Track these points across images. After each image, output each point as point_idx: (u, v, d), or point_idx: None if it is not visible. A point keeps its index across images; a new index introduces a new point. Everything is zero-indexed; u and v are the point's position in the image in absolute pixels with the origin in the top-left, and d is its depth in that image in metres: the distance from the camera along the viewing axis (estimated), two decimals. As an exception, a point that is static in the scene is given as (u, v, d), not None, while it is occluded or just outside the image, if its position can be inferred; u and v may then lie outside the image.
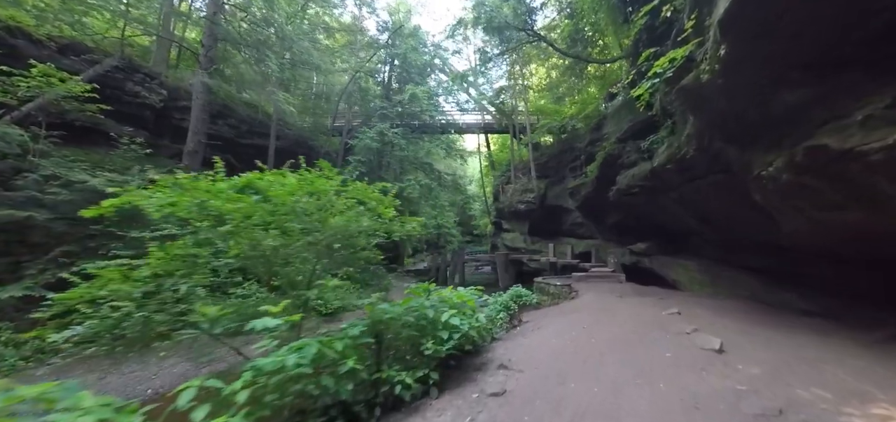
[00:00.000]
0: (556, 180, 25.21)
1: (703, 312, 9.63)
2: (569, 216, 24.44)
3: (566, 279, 17.83)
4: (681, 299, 12.10)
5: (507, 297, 10.39)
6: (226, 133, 23.44)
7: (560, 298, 15.08)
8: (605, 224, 21.72)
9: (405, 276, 26.54)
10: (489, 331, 8.21)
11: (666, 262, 16.89)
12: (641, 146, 14.23)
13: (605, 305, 11.23)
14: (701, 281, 14.96)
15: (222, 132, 23.37)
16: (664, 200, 14.39)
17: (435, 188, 22.17)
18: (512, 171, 27.27)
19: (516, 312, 10.54)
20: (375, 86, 24.56)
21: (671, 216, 15.32)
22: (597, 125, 21.03)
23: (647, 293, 13.98)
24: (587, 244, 23.36)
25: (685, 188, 12.19)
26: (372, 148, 21.24)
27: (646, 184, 14.31)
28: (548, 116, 25.23)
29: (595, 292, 14.10)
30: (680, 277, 16.05)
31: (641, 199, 15.43)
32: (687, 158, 10.33)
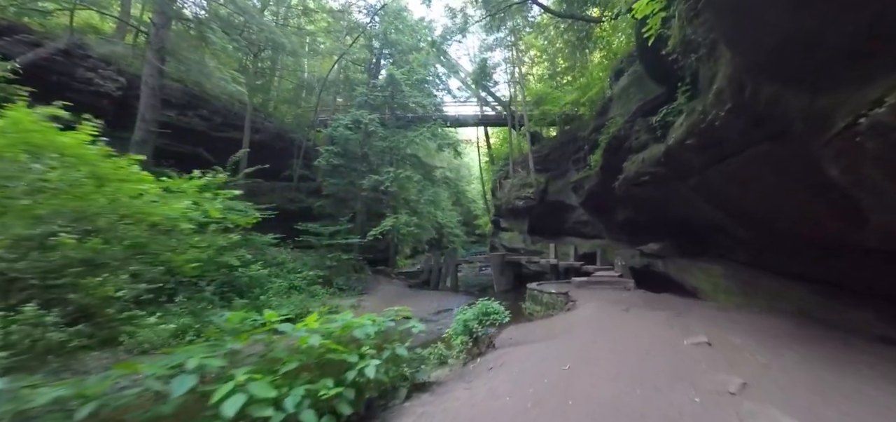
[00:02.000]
0: (558, 174, 22.16)
1: (742, 339, 6.60)
2: (572, 214, 21.38)
3: (565, 285, 14.83)
4: (705, 315, 9.05)
5: (473, 315, 7.53)
6: (197, 125, 21.15)
7: (554, 309, 12.16)
8: (612, 222, 18.60)
9: (394, 278, 23.86)
10: (395, 377, 5.35)
11: (684, 265, 13.75)
12: (652, 123, 11.19)
13: (605, 324, 8.28)
14: (728, 290, 11.83)
15: (193, 124, 21.08)
16: (681, 189, 11.31)
17: (420, 181, 19.41)
18: (510, 165, 24.33)
19: (482, 335, 7.67)
20: (362, 74, 22.01)
21: (690, 210, 12.21)
22: (602, 109, 17.96)
23: (661, 304, 10.92)
24: (592, 245, 20.27)
25: (710, 172, 9.15)
26: (350, 138, 18.65)
27: (658, 170, 11.26)
28: (547, 103, 22.18)
29: (596, 303, 11.11)
30: (701, 284, 12.91)
31: (653, 189, 12.36)
32: (715, 125, 7.32)
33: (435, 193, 19.04)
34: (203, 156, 21.60)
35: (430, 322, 13.71)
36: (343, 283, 17.33)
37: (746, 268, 11.49)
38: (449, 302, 17.54)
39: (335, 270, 17.86)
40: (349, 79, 21.32)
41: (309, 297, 15.53)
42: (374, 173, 17.83)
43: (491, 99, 27.01)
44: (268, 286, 12.52)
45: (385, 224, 17.32)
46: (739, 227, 10.78)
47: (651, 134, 11.65)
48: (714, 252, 13.84)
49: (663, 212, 13.88)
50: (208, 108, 21.26)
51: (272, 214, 16.65)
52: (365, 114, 17.84)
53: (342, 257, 17.31)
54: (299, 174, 22.80)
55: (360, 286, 19.49)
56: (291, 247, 19.78)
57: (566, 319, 9.85)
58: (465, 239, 52.03)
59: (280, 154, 23.89)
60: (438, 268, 23.95)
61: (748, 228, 10.36)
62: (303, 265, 17.56)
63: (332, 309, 14.65)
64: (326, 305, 14.48)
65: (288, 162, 22.13)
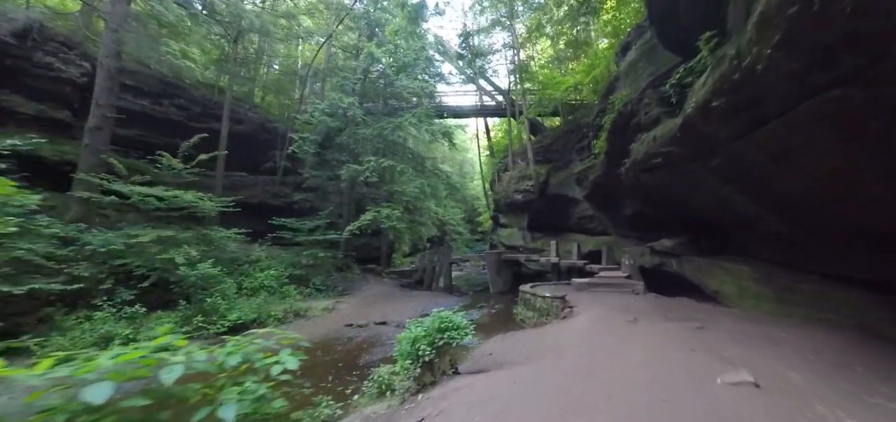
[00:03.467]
0: (560, 165, 20.00)
1: (802, 374, 4.50)
2: (575, 208, 19.20)
3: (563, 287, 12.74)
4: (734, 330, 6.93)
5: (425, 331, 5.53)
6: (174, 115, 19.54)
7: (548, 316, 10.11)
8: (619, 216, 16.42)
9: (386, 278, 21.98)
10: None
11: (702, 265, 11.56)
12: (665, 92, 9.06)
13: (605, 342, 6.24)
14: (758, 295, 9.65)
15: (170, 114, 19.48)
16: (700, 174, 9.19)
17: (405, 170, 17.41)
18: (509, 156, 22.22)
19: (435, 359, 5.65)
20: (350, 61, 20.16)
21: (712, 200, 10.06)
22: (607, 91, 15.75)
23: (676, 312, 8.81)
24: (598, 242, 18.08)
25: (740, 146, 7.06)
26: (330, 125, 16.79)
27: (672, 150, 9.15)
28: (549, 88, 20.01)
29: (598, 310, 9.02)
30: (724, 288, 10.74)
31: (666, 175, 10.23)
32: (755, 72, 5.26)
33: (424, 184, 17.02)
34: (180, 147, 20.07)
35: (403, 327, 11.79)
36: (321, 282, 15.52)
37: (782, 269, 9.28)
38: (437, 304, 15.60)
39: (313, 268, 16.07)
40: (336, 66, 19.47)
41: (279, 298, 13.75)
42: (354, 164, 15.96)
43: (489, 87, 25.00)
44: (222, 286, 10.81)
45: (365, 218, 15.46)
46: (776, 218, 8.57)
47: (664, 106, 9.51)
48: (739, 250, 11.61)
49: (678, 203, 11.71)
50: (186, 97, 19.65)
51: (231, 206, 14.95)
52: (343, 98, 15.97)
53: (319, 255, 15.50)
54: (284, 167, 21.10)
55: (343, 286, 17.67)
56: (270, 243, 18.06)
57: (559, 331, 7.80)
58: (468, 237, 50.06)
59: (264, 146, 22.22)
60: (433, 267, 22.02)
61: (789, 219, 8.16)
62: (279, 263, 15.81)
63: (300, 312, 12.84)
64: (293, 308, 12.66)
65: (272, 154, 20.43)
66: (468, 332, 5.86)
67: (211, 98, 20.48)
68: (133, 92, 18.30)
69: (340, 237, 15.70)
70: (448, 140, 20.19)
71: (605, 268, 14.51)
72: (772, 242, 9.61)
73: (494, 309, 15.08)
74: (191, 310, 10.35)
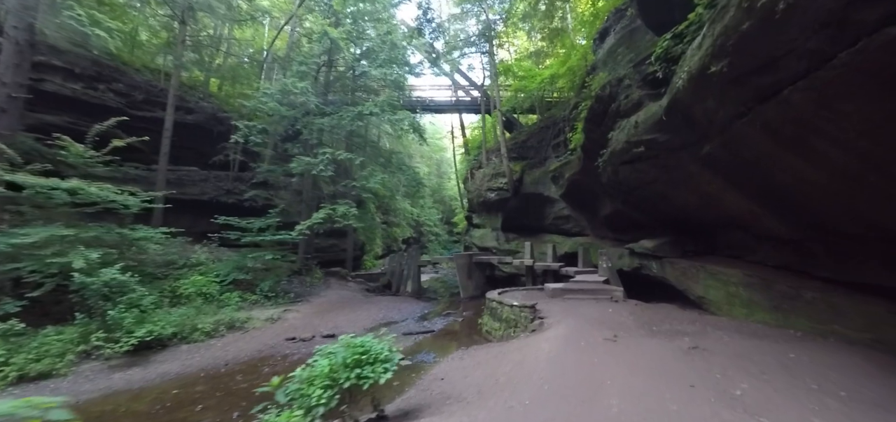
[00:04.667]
0: (535, 162, 18.71)
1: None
2: (552, 208, 17.93)
3: (534, 294, 11.33)
4: (733, 349, 5.60)
5: (326, 368, 3.90)
6: (111, 102, 17.29)
7: (516, 328, 8.63)
8: (597, 216, 15.24)
9: (350, 281, 20.17)
10: None
11: (686, 268, 10.33)
12: (649, 69, 7.74)
13: (580, 372, 4.80)
14: (749, 302, 8.43)
15: (106, 100, 17.23)
16: (689, 165, 7.94)
17: (365, 162, 15.69)
18: (483, 153, 20.81)
19: (345, 407, 4.06)
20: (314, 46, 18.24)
21: (699, 196, 8.83)
22: (584, 83, 14.48)
23: (661, 325, 7.45)
24: (574, 243, 16.82)
25: (741, 127, 5.75)
26: (283, 114, 14.94)
27: (657, 137, 7.85)
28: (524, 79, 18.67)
29: (572, 323, 7.58)
30: (710, 294, 9.51)
31: (648, 167, 8.94)
32: (775, 18, 3.86)
33: (386, 180, 15.31)
34: (120, 137, 17.85)
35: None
36: (271, 288, 13.70)
37: (779, 273, 8.06)
38: (399, 311, 14.03)
39: (263, 272, 14.23)
40: (298, 53, 17.60)
41: (216, 307, 11.89)
42: (305, 156, 14.20)
43: (464, 82, 23.59)
44: (132, 295, 8.94)
45: (317, 216, 13.71)
46: (775, 217, 7.31)
47: (647, 88, 8.19)
48: (726, 252, 10.44)
49: (660, 200, 10.47)
50: (125, 81, 17.44)
51: (164, 203, 12.92)
52: (295, 82, 14.21)
53: (266, 257, 13.66)
54: (239, 162, 19.08)
55: (299, 292, 15.84)
56: (217, 244, 16.07)
57: (524, 352, 6.31)
58: (447, 239, 48.45)
59: (219, 139, 20.06)
60: (401, 270, 20.40)
61: (793, 218, 6.90)
62: (224, 266, 13.90)
63: (237, 324, 11.03)
64: (228, 319, 10.81)
65: (223, 147, 18.39)
66: (391, 366, 4.28)
67: (156, 84, 18.32)
68: (62, 74, 16.07)
69: (292, 237, 13.87)
70: (418, 134, 18.64)
71: (581, 271, 13.18)
72: (768, 243, 8.40)
73: (462, 316, 13.60)
74: (91, 324, 8.47)
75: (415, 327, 11.63)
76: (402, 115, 14.74)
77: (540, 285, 13.06)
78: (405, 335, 10.66)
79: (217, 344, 9.84)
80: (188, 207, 18.47)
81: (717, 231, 10.41)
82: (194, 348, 9.48)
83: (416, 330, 11.14)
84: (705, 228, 10.66)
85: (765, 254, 8.73)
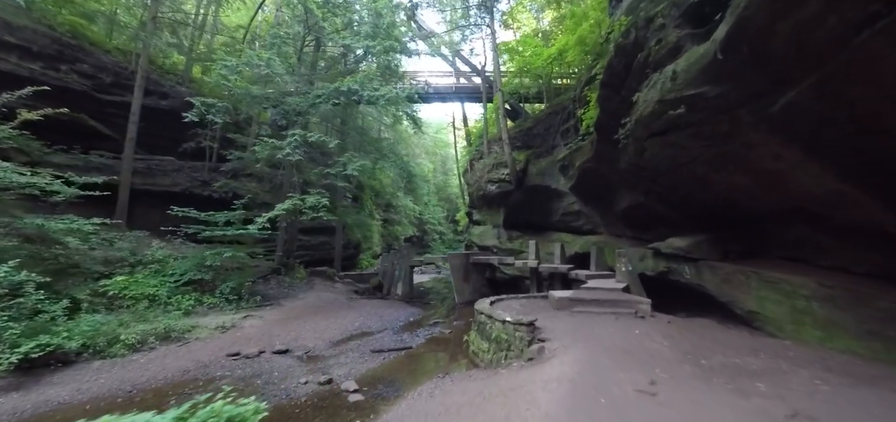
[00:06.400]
0: (542, 151, 16.36)
1: None
2: (559, 202, 15.56)
3: (535, 304, 9.04)
4: (854, 408, 3.15)
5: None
6: (75, 84, 15.49)
7: (509, 352, 6.38)
8: (612, 210, 12.88)
9: (338, 282, 18.06)
10: None
11: (731, 275, 7.92)
12: None
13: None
14: (828, 323, 6.08)
15: (69, 82, 15.43)
16: (748, 131, 5.66)
17: (339, 145, 13.48)
18: (484, 142, 18.51)
19: None
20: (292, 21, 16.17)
21: (755, 178, 6.50)
22: (597, 56, 12.10)
23: (714, 359, 5.15)
24: (586, 242, 14.46)
25: (865, 48, 3.24)
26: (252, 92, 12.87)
27: (705, 91, 5.54)
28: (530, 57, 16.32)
29: (583, 352, 5.30)
30: (767, 310, 7.12)
31: (687, 141, 6.63)
32: None
33: (368, 166, 13.09)
34: (86, 123, 16.06)
35: (313, 360, 7.93)
36: (233, 289, 11.69)
37: (876, 285, 5.61)
38: (380, 319, 11.85)
39: (232, 271, 12.25)
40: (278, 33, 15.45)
41: (162, 312, 9.89)
42: (272, 137, 12.13)
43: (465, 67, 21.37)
44: (25, 299, 7.01)
45: (282, 207, 11.63)
46: (887, 201, 4.91)
47: (689, 25, 5.85)
48: (779, 253, 8.01)
49: (697, 187, 8.09)
50: (91, 62, 15.63)
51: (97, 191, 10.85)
52: (260, 54, 12.19)
53: (225, 255, 11.63)
54: (217, 152, 17.15)
55: (274, 293, 13.82)
56: (182, 240, 14.11)
57: (513, 399, 4.07)
58: (451, 237, 46.05)
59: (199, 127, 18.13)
60: (393, 270, 18.28)
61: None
62: (183, 264, 11.95)
63: (177, 333, 8.97)
64: (167, 327, 8.77)
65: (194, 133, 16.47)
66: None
67: (126, 66, 16.50)
68: (18, 52, 14.34)
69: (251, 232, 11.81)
70: (413, 122, 16.48)
71: (594, 275, 10.82)
72: (855, 243, 5.97)
73: (452, 327, 11.35)
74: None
75: (390, 341, 9.42)
76: (385, 91, 12.52)
77: (545, 293, 10.73)
78: (374, 353, 8.46)
79: (140, 360, 7.80)
80: (160, 200, 16.64)
81: (770, 226, 7.97)
82: (108, 366, 7.46)
83: (389, 346, 8.93)
84: (754, 222, 8.24)
85: (849, 256, 6.30)
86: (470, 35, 22.14)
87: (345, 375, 6.97)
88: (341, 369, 7.30)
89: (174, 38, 18.64)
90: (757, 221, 8.03)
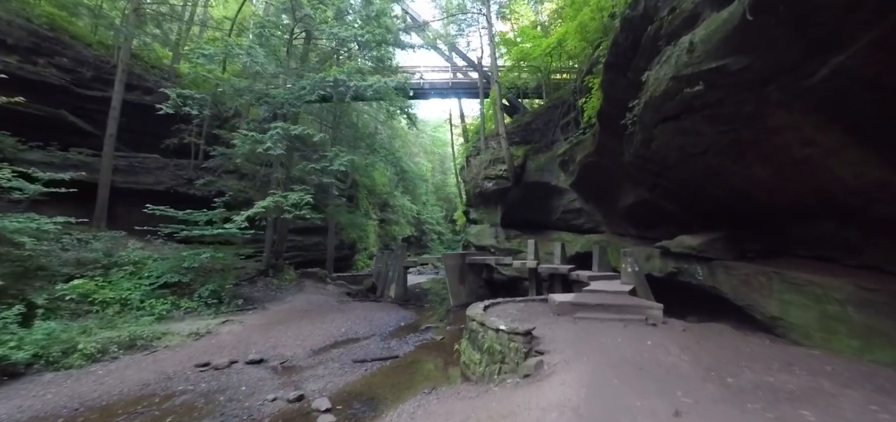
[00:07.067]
0: (541, 147, 15.57)
1: None
2: (559, 199, 14.78)
3: (533, 309, 8.25)
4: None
5: None
6: (53, 78, 14.69)
7: (502, 366, 5.61)
8: (615, 208, 12.11)
9: (330, 284, 17.27)
10: None
11: (750, 276, 7.13)
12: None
13: None
14: (867, 330, 5.28)
15: (47, 76, 14.63)
16: (776, 111, 4.85)
17: (323, 138, 12.57)
18: (481, 139, 17.71)
19: None
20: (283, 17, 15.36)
21: (778, 169, 5.71)
22: (604, 34, 11.34)
23: (741, 376, 4.33)
24: (588, 241, 13.68)
25: None
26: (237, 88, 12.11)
27: (728, 64, 4.77)
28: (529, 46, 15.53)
29: (589, 369, 4.52)
30: (792, 315, 6.33)
31: (703, 125, 5.86)
32: None
33: (354, 161, 12.16)
34: (66, 119, 15.29)
35: (289, 371, 7.13)
36: (213, 292, 10.93)
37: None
38: (369, 323, 11.05)
39: (214, 273, 11.48)
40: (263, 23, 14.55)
41: (133, 317, 9.13)
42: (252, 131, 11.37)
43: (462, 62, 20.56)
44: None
45: (262, 205, 10.84)
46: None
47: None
48: (802, 252, 7.20)
49: (709, 181, 7.32)
50: (70, 55, 14.85)
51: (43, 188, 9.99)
52: (241, 41, 11.46)
53: (201, 256, 10.86)
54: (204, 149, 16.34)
55: (256, 296, 13.05)
56: (163, 240, 13.32)
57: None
58: (451, 238, 45.14)
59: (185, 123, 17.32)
60: (387, 271, 17.51)
61: None
62: (159, 266, 11.19)
63: (144, 340, 8.18)
64: (133, 334, 8.00)
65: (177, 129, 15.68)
66: None
67: (108, 61, 15.72)
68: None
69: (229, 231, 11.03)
70: (407, 116, 15.70)
71: (597, 276, 10.02)
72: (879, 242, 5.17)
73: (447, 331, 10.56)
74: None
75: (376, 350, 8.61)
76: (373, 80, 11.73)
77: (544, 295, 9.93)
78: (356, 363, 7.65)
79: (98, 371, 7.03)
80: (143, 199, 15.87)
81: (791, 223, 7.17)
82: (60, 379, 6.68)
83: (373, 355, 8.13)
84: (771, 219, 7.44)
85: (882, 255, 5.50)
86: (466, 27, 21.30)
87: (319, 390, 6.18)
88: (317, 384, 6.50)
89: (159, 32, 17.89)
90: (774, 218, 7.24)
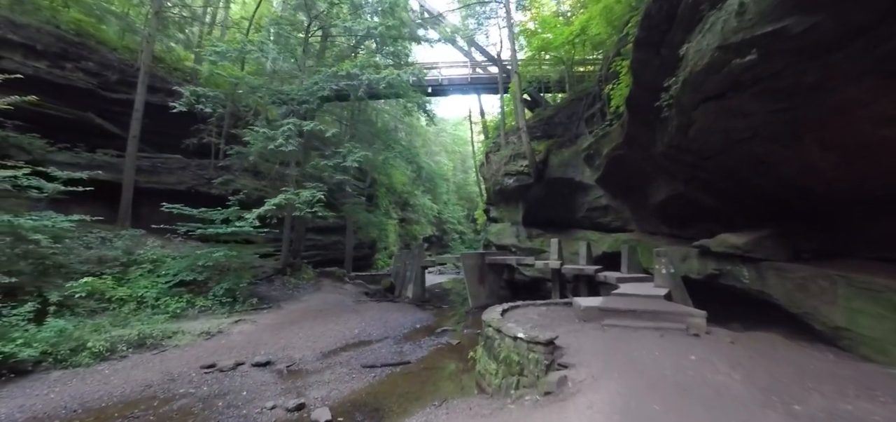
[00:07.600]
0: (564, 141, 14.75)
1: None
2: (585, 196, 13.94)
3: (555, 315, 7.56)
4: None
5: None
6: (81, 82, 15.07)
7: (521, 379, 5.03)
8: (646, 204, 11.20)
9: (348, 283, 17.02)
10: None
11: (808, 280, 6.21)
12: None
13: None
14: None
15: (75, 80, 15.01)
16: (844, 86, 3.98)
17: (339, 134, 12.31)
18: (502, 134, 17.02)
19: None
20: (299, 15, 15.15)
21: (844, 155, 4.82)
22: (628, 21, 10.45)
23: (809, 399, 3.50)
24: (615, 240, 12.80)
25: None
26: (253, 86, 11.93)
27: (788, 26, 3.96)
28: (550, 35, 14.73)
29: (621, 391, 3.85)
30: (862, 326, 5.48)
31: (753, 103, 5.04)
32: None
33: (369, 157, 11.69)
34: (93, 122, 15.65)
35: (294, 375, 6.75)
36: (227, 291, 10.80)
37: None
38: (384, 325, 10.62)
39: (231, 272, 11.38)
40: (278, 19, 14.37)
41: (148, 315, 9.06)
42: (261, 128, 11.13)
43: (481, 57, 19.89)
44: None
45: (273, 202, 10.60)
46: None
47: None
48: (868, 253, 6.20)
49: (755, 170, 6.45)
50: (96, 59, 15.20)
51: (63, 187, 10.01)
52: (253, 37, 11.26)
53: (215, 255, 10.73)
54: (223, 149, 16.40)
55: (273, 295, 12.89)
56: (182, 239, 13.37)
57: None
58: (472, 237, 44.41)
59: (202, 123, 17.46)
60: (405, 271, 17.09)
61: None
62: (175, 264, 11.17)
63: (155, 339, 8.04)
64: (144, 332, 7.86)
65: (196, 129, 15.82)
66: None
67: (132, 64, 16.01)
68: (22, 50, 14.02)
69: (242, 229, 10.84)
70: (424, 112, 15.25)
71: (627, 278, 9.20)
72: None
73: (463, 334, 10.00)
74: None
75: (386, 354, 8.14)
76: (386, 73, 11.33)
77: (569, 298, 9.21)
78: (365, 368, 7.20)
79: (104, 370, 6.88)
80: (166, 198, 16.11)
81: (854, 219, 6.19)
82: (67, 377, 6.56)
83: (384, 360, 7.66)
84: (829, 214, 6.47)
85: None
86: (485, 19, 20.62)
87: (322, 398, 5.76)
88: (320, 390, 6.08)
89: (183, 36, 18.15)
90: (831, 212, 6.28)
